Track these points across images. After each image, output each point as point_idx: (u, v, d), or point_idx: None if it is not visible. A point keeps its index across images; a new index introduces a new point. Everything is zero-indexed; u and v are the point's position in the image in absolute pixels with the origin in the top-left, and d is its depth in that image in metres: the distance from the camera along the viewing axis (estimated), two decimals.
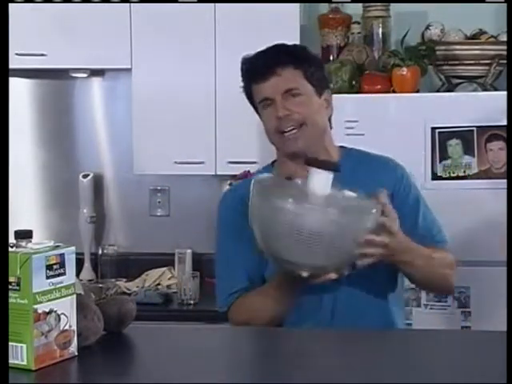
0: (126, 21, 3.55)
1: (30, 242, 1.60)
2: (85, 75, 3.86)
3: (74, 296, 1.55)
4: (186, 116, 3.57)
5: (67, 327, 1.53)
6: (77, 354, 1.55)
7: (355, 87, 3.37)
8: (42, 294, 1.47)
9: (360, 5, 3.66)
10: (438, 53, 3.43)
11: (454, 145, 3.22)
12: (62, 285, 1.51)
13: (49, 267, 1.49)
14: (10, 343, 1.47)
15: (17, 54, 3.42)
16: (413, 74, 3.34)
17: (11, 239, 1.60)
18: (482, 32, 3.51)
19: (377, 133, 3.17)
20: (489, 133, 3.21)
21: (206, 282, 3.54)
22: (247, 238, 2.10)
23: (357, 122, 3.19)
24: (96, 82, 3.95)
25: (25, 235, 1.64)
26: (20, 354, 1.47)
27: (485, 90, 3.40)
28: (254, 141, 3.39)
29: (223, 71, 3.51)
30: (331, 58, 3.61)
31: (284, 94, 2.09)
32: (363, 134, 3.09)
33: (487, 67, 3.42)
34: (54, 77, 3.91)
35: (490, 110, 3.19)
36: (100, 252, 3.91)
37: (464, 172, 3.23)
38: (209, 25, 3.52)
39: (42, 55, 3.55)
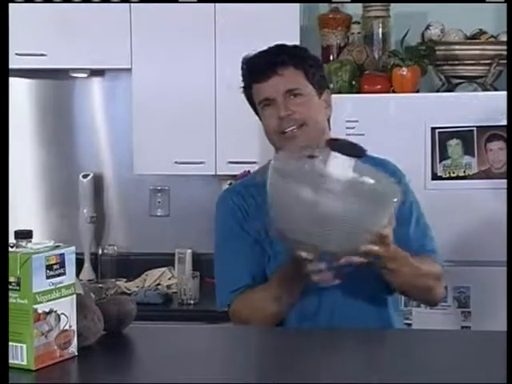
0: (126, 21, 3.55)
1: (30, 241, 1.60)
2: (85, 75, 3.86)
3: (74, 296, 1.55)
4: (186, 116, 3.57)
5: (67, 327, 1.53)
6: (77, 354, 1.55)
7: (355, 87, 3.37)
8: (42, 294, 1.47)
9: (360, 5, 3.66)
10: (438, 53, 3.43)
11: (453, 145, 3.22)
12: (62, 285, 1.51)
13: (49, 267, 1.49)
14: (10, 343, 1.47)
15: (17, 54, 3.41)
16: (413, 74, 3.33)
17: (11, 239, 1.60)
18: (482, 32, 3.51)
19: (377, 133, 3.17)
20: (489, 133, 3.21)
21: (206, 282, 3.54)
22: (247, 236, 2.11)
23: (357, 121, 3.19)
24: (96, 82, 3.95)
25: (25, 235, 1.64)
26: (20, 354, 1.47)
27: (485, 90, 3.40)
28: (254, 141, 3.39)
29: (223, 71, 3.51)
30: (331, 58, 3.61)
31: (285, 93, 2.09)
32: (363, 134, 3.08)
33: (487, 67, 3.42)
34: (54, 77, 3.91)
35: (489, 110, 3.19)
36: (100, 252, 3.92)
37: (464, 172, 3.22)
38: (209, 25, 3.52)
39: (42, 55, 3.55)
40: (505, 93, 3.11)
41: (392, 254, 1.94)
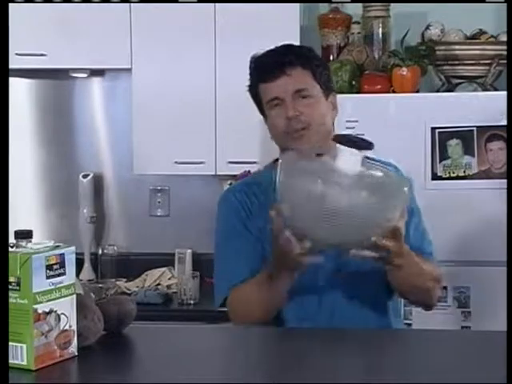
0: (126, 21, 3.55)
1: (30, 241, 1.60)
2: (85, 75, 3.86)
3: (74, 296, 1.55)
4: (186, 116, 3.57)
5: (67, 327, 1.53)
6: (77, 354, 1.55)
7: (355, 87, 3.37)
8: (42, 294, 1.47)
9: (360, 5, 3.66)
10: (438, 53, 3.43)
11: (453, 145, 3.22)
12: (62, 285, 1.51)
13: (49, 267, 1.49)
14: (10, 343, 1.47)
15: (17, 54, 3.41)
16: (413, 74, 3.34)
17: (11, 239, 1.60)
18: (482, 32, 3.51)
19: (377, 133, 3.14)
20: (489, 133, 3.21)
21: (206, 282, 3.54)
22: (249, 235, 2.10)
23: (357, 121, 3.19)
24: (96, 82, 3.95)
25: (25, 235, 1.64)
26: (20, 354, 1.47)
27: (485, 90, 3.41)
28: (254, 141, 3.39)
29: (223, 71, 3.51)
30: (331, 58, 3.61)
31: (294, 94, 2.09)
32: (363, 134, 3.04)
33: (487, 67, 3.42)
34: (54, 77, 3.91)
35: (489, 110, 3.19)
36: (100, 252, 3.92)
37: (464, 172, 3.23)
38: (209, 25, 3.52)
39: (42, 55, 3.55)
40: (505, 93, 3.11)
41: (401, 249, 1.94)
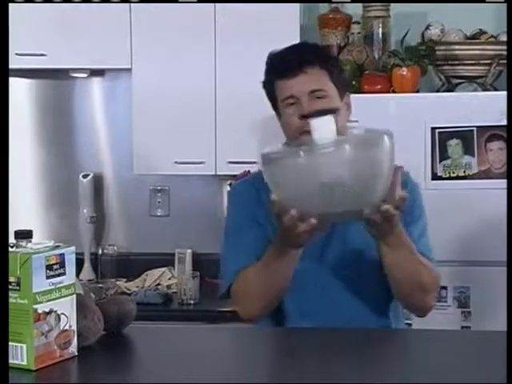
0: (126, 21, 3.54)
1: (30, 241, 1.60)
2: (85, 75, 3.86)
3: (74, 296, 1.55)
4: (186, 116, 3.57)
5: (67, 327, 1.53)
6: (77, 354, 1.55)
7: (355, 87, 3.37)
8: (42, 294, 1.48)
9: (360, 5, 3.66)
10: (438, 53, 3.43)
11: (453, 145, 3.22)
12: (62, 285, 1.51)
13: (49, 267, 1.49)
14: (10, 343, 1.47)
15: (17, 54, 3.41)
16: (413, 74, 3.34)
17: (11, 239, 1.60)
18: (482, 32, 3.51)
19: None
20: (489, 133, 3.21)
21: (206, 282, 3.54)
22: (259, 226, 2.09)
23: (357, 122, 3.18)
24: (96, 82, 3.95)
25: (25, 235, 1.64)
26: (20, 354, 1.47)
27: (485, 90, 3.40)
28: (253, 141, 3.39)
29: (223, 71, 3.51)
30: None
31: (310, 94, 2.07)
32: None
33: (487, 67, 3.42)
34: (54, 77, 3.91)
35: (489, 110, 3.19)
36: (100, 252, 3.92)
37: (464, 172, 3.23)
38: (209, 25, 3.51)
39: (42, 55, 3.55)
40: (505, 93, 3.11)
41: (398, 223, 1.90)
